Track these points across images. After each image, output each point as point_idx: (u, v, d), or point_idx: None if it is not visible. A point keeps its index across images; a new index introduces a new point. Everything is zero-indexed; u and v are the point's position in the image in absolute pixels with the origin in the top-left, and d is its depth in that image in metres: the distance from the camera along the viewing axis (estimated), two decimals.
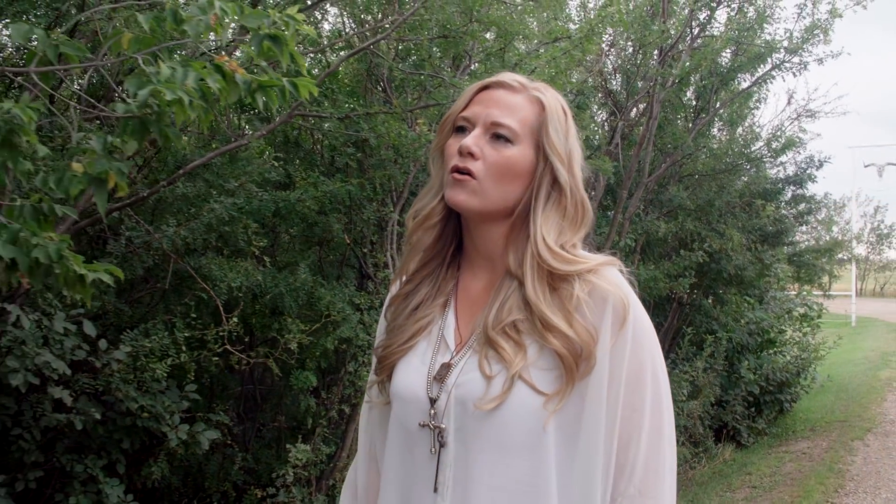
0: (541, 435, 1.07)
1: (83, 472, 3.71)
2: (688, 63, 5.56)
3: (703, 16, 6.11)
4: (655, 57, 5.88)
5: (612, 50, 6.27)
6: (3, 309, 3.03)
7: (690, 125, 6.98)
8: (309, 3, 4.23)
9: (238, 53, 2.85)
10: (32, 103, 1.81)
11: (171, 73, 1.75)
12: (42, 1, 3.67)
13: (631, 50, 6.34)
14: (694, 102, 7.60)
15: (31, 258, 1.85)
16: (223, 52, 1.94)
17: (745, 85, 6.94)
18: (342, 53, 3.95)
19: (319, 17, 4.45)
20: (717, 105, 6.84)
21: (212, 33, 2.00)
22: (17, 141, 1.77)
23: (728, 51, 6.27)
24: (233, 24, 1.92)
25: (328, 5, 4.11)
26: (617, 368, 1.10)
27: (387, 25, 3.99)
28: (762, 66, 6.56)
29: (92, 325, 3.32)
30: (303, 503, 4.07)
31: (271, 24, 1.82)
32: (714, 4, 6.05)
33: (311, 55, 3.92)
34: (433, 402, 1.12)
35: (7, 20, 3.77)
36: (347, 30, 4.34)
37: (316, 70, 4.14)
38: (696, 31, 6.00)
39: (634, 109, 6.28)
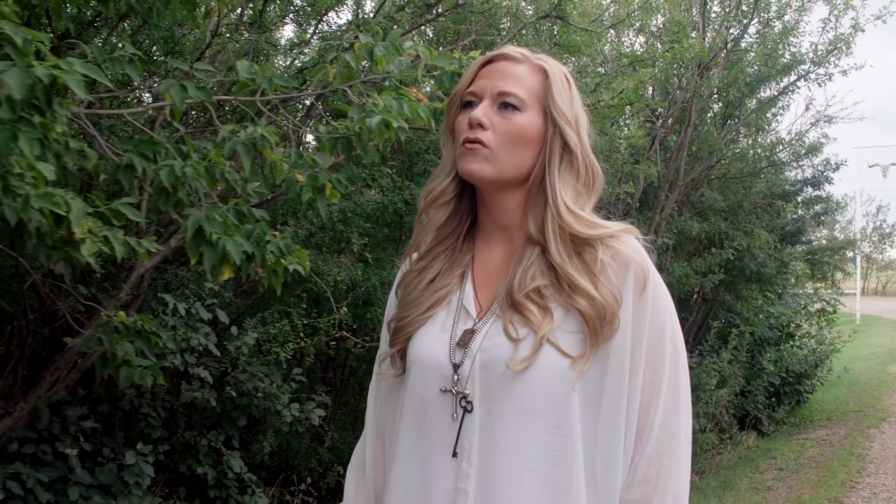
0: (567, 397, 1.08)
1: (206, 446, 4.16)
2: (725, 76, 6.03)
3: (735, 31, 6.58)
4: (693, 70, 6.34)
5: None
6: (162, 298, 3.48)
7: (719, 131, 7.45)
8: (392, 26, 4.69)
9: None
10: (268, 126, 2.26)
11: (384, 103, 2.21)
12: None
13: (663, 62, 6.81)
14: (716, 109, 8.09)
15: (264, 252, 2.30)
16: (412, 85, 2.38)
17: (769, 93, 7.41)
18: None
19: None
20: (747, 112, 7.31)
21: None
22: (261, 157, 2.22)
23: (756, 62, 6.74)
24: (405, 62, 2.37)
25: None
26: (639, 333, 1.11)
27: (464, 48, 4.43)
28: (787, 76, 7.03)
29: (225, 313, 3.78)
30: None
31: (458, 64, 2.28)
32: (746, 21, 6.53)
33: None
34: (456, 367, 1.12)
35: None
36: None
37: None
38: (730, 45, 6.47)
39: (670, 118, 6.73)
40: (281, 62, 5.33)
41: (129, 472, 3.72)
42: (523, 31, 3.67)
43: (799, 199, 9.49)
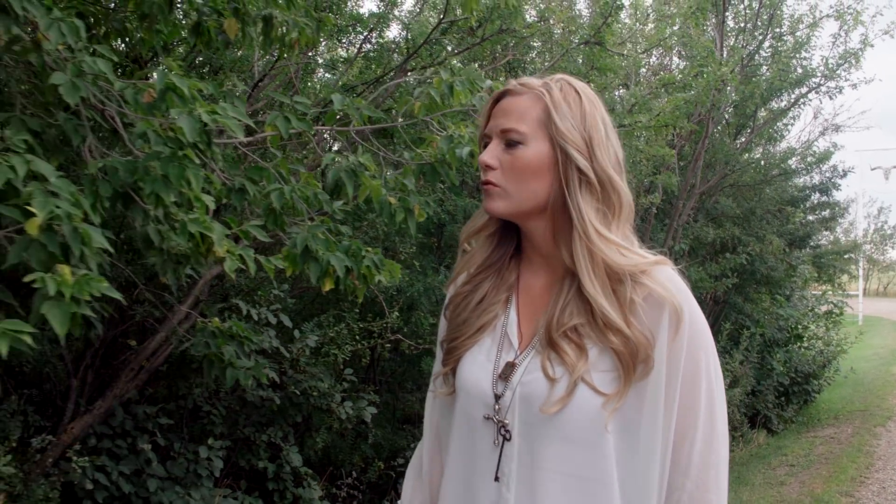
0: (602, 432, 1.12)
1: (265, 442, 4.44)
2: (741, 91, 6.34)
3: (751, 47, 6.89)
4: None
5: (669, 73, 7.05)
6: (236, 304, 3.76)
7: (731, 141, 7.75)
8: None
9: None
10: (363, 155, 2.55)
11: (469, 135, 2.50)
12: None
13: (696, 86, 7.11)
14: (728, 117, 8.40)
15: (360, 266, 2.59)
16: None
17: (781, 104, 7.73)
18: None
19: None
20: (761, 123, 7.62)
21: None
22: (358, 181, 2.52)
23: (772, 79, 7.05)
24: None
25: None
26: (674, 370, 1.13)
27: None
28: (799, 88, 7.34)
29: (287, 317, 4.06)
30: None
31: None
32: (760, 37, 6.83)
33: None
34: (498, 398, 1.17)
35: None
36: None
37: None
38: (745, 60, 6.78)
39: (689, 131, 7.04)
40: (319, 78, 5.62)
41: (201, 465, 4.01)
42: (563, 55, 3.97)
43: (807, 204, 9.80)
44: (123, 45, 3.51)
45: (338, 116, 2.77)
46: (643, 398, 1.13)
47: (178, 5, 3.06)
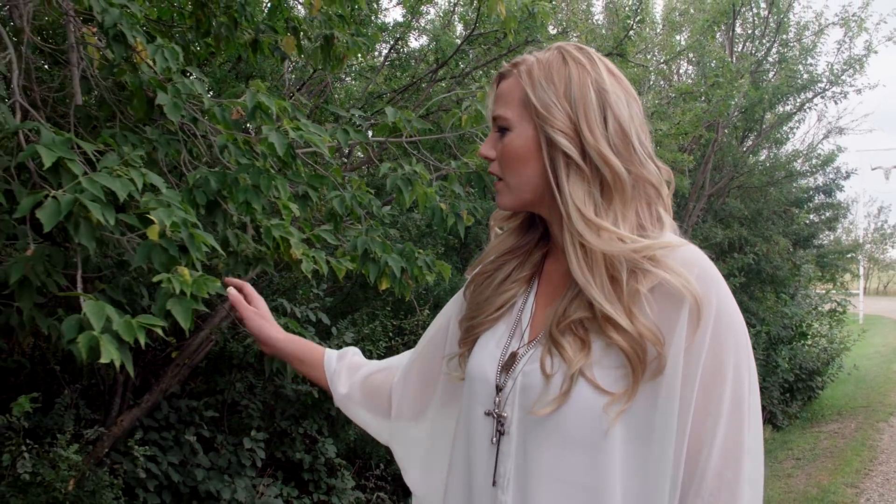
0: (604, 435, 1.00)
1: (301, 434, 4.66)
2: (750, 97, 6.58)
3: (759, 54, 7.12)
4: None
5: (678, 78, 7.28)
6: (281, 303, 3.98)
7: (738, 144, 7.98)
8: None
9: None
10: (417, 164, 2.77)
11: None
12: None
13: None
14: (736, 122, 8.64)
15: (414, 266, 2.81)
16: None
17: (787, 108, 7.97)
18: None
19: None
20: (767, 126, 7.87)
21: None
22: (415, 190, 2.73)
23: (782, 84, 7.29)
24: None
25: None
26: (692, 368, 0.98)
27: None
28: (804, 93, 7.57)
29: (326, 315, 4.28)
30: None
31: None
32: (768, 44, 7.06)
33: None
34: (499, 389, 1.09)
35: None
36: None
37: None
38: (753, 66, 7.02)
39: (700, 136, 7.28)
40: (345, 85, 5.84)
41: (243, 455, 4.22)
42: None
43: (811, 205, 10.04)
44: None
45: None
46: (656, 401, 0.99)
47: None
